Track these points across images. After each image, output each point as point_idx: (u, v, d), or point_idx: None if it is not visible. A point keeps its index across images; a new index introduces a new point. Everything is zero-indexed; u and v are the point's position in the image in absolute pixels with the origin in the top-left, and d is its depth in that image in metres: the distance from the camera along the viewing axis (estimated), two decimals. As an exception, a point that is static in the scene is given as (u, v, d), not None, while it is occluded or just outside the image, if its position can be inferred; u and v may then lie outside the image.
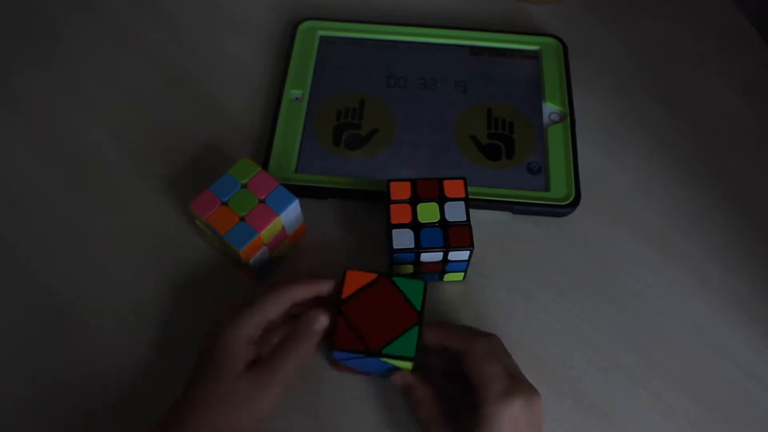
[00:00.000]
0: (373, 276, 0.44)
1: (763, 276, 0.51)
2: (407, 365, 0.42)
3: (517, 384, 0.39)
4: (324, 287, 0.44)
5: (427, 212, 0.47)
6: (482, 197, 0.52)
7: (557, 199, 0.52)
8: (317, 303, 0.44)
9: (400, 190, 0.48)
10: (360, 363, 0.43)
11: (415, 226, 0.46)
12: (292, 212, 0.48)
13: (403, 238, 0.46)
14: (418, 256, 0.46)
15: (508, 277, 0.51)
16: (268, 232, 0.47)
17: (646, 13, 0.65)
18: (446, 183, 0.48)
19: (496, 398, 0.38)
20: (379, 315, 0.42)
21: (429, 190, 0.48)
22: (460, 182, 0.48)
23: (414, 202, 0.47)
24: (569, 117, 0.57)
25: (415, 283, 0.43)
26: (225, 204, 0.47)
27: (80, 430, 0.45)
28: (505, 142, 0.56)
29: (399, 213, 0.47)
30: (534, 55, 0.61)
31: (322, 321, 0.42)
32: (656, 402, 0.46)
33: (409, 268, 0.48)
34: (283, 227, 0.48)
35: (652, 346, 0.48)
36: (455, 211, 0.47)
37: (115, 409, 0.45)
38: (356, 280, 0.44)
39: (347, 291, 0.43)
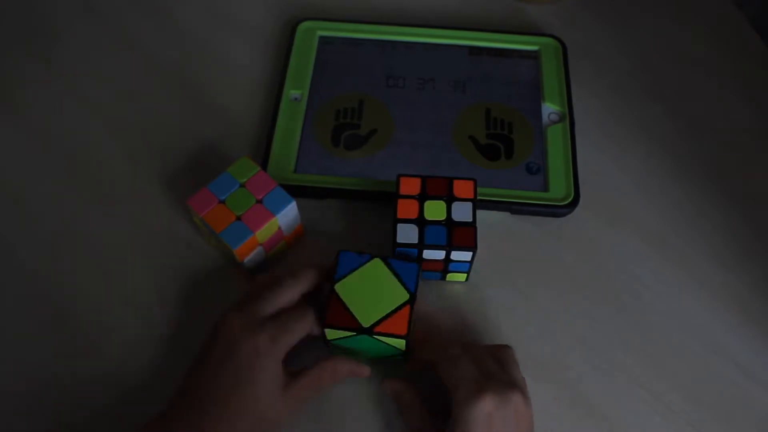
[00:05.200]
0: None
1: (762, 276, 0.51)
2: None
3: (489, 381, 0.39)
4: None
5: (434, 210, 0.47)
6: (481, 197, 0.52)
7: (556, 199, 0.52)
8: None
9: (410, 186, 0.48)
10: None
11: (421, 222, 0.46)
12: (289, 213, 0.48)
13: (408, 233, 0.46)
14: (421, 253, 0.46)
15: (506, 277, 0.50)
16: (263, 232, 0.47)
17: (646, 13, 0.65)
18: (456, 183, 0.48)
19: (465, 398, 0.38)
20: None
21: (438, 188, 0.48)
22: (470, 183, 0.48)
23: (422, 198, 0.47)
24: (568, 117, 0.56)
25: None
26: (222, 202, 0.47)
27: (78, 427, 0.45)
28: (504, 142, 0.56)
29: (406, 208, 0.47)
30: (533, 56, 0.61)
31: (364, 373, 0.44)
32: (655, 402, 0.46)
33: None
34: (279, 228, 0.48)
35: (651, 346, 0.48)
36: (462, 212, 0.47)
37: (114, 407, 0.45)
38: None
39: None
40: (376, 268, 0.44)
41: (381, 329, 0.42)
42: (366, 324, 0.42)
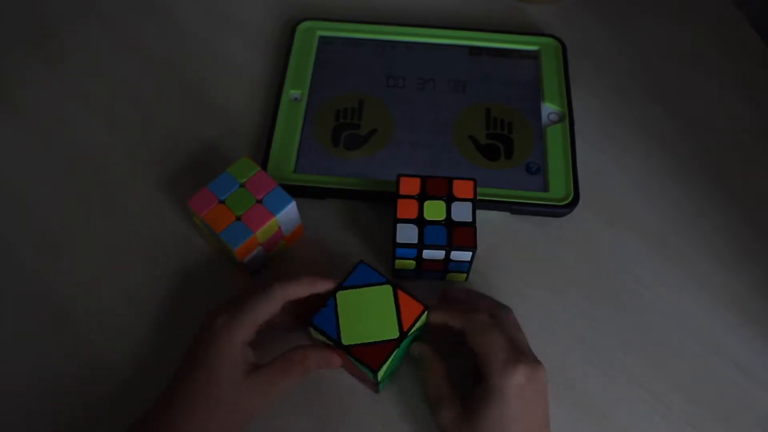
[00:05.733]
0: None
1: (762, 276, 0.51)
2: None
3: (521, 354, 0.40)
4: (321, 287, 0.44)
5: (434, 210, 0.47)
6: (481, 197, 0.52)
7: (556, 199, 0.52)
8: (312, 300, 0.44)
9: (409, 186, 0.48)
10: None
11: (421, 222, 0.46)
12: (288, 214, 0.48)
13: (407, 233, 0.46)
14: (420, 253, 0.46)
15: (506, 277, 0.50)
16: (263, 232, 0.47)
17: (645, 13, 0.65)
18: (456, 183, 0.48)
19: (501, 369, 0.39)
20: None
21: (438, 188, 0.48)
22: (470, 183, 0.48)
23: (422, 198, 0.47)
24: (568, 117, 0.56)
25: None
26: (222, 202, 0.47)
27: (78, 426, 0.45)
28: (503, 142, 0.56)
29: (405, 208, 0.47)
30: (533, 56, 0.61)
31: (334, 363, 0.43)
32: (655, 402, 0.46)
33: (411, 264, 0.48)
34: (279, 228, 0.48)
35: (651, 346, 0.48)
36: (462, 212, 0.47)
37: (113, 406, 0.45)
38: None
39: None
40: (384, 294, 0.43)
41: (356, 353, 0.41)
42: (345, 342, 0.41)
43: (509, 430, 0.39)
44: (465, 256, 0.47)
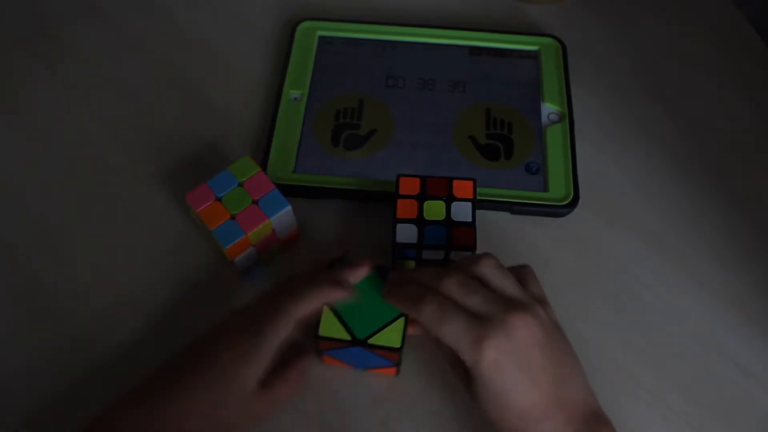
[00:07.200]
0: None
1: (762, 276, 0.51)
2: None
3: (483, 326, 0.36)
4: (337, 295, 0.43)
5: (434, 210, 0.47)
6: (481, 197, 0.52)
7: (556, 199, 0.52)
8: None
9: (409, 186, 0.48)
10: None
11: (420, 222, 0.46)
12: (283, 217, 0.47)
13: (407, 233, 0.46)
14: (420, 253, 0.46)
15: (506, 277, 0.50)
16: (256, 233, 0.46)
17: (646, 13, 0.65)
18: (455, 183, 0.48)
19: (469, 355, 0.36)
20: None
21: (438, 188, 0.48)
22: (470, 183, 0.48)
23: (422, 198, 0.47)
24: (568, 117, 0.56)
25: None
26: (219, 200, 0.47)
27: (78, 427, 0.44)
28: (503, 142, 0.56)
29: (405, 208, 0.47)
30: (533, 56, 0.61)
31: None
32: (655, 402, 0.46)
33: (411, 264, 0.48)
34: (273, 230, 0.48)
35: (651, 346, 0.48)
36: (461, 212, 0.47)
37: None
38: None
39: None
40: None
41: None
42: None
43: (506, 403, 0.37)
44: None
